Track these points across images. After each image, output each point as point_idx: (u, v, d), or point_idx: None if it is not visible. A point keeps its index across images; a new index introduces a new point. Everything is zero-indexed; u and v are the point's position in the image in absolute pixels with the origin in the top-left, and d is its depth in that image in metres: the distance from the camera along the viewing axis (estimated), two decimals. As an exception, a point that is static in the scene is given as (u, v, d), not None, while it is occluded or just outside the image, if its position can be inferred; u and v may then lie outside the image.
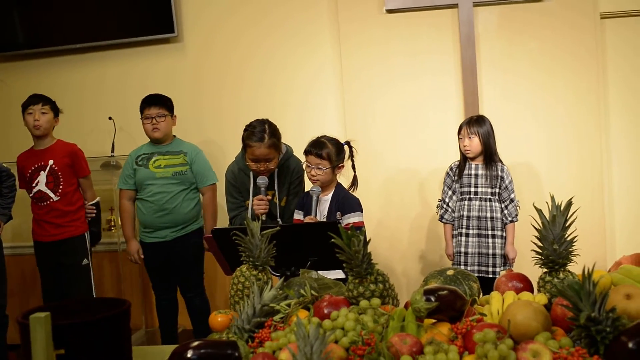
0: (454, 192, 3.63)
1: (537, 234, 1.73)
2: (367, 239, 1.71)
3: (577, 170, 4.10)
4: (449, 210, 3.63)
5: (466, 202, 3.54)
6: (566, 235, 1.72)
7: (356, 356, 1.48)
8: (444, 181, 3.69)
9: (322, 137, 3.00)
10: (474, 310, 1.67)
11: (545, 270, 1.75)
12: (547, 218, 1.73)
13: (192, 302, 3.78)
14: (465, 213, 3.54)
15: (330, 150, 2.92)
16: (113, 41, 4.44)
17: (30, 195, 3.79)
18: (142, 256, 3.77)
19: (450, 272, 1.82)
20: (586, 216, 3.98)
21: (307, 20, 4.41)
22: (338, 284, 1.96)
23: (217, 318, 1.80)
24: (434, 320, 1.63)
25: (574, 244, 1.72)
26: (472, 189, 3.53)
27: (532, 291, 1.78)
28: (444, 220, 3.67)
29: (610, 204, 4.11)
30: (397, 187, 4.31)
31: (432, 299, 1.57)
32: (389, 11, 4.24)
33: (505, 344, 1.39)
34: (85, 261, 3.76)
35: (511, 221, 3.51)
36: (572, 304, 1.42)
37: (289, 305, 1.69)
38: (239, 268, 1.90)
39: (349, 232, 1.67)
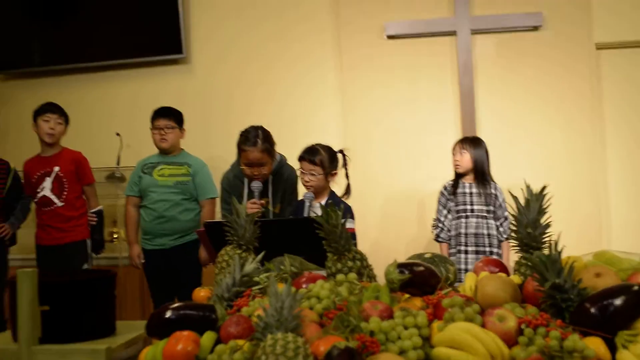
0: (449, 211, 3.67)
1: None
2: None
3: (572, 194, 4.14)
4: (445, 229, 3.67)
5: (463, 220, 3.58)
6: (541, 220, 1.76)
7: (327, 319, 1.52)
8: (439, 200, 3.73)
9: (316, 144, 3.08)
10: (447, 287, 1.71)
11: (520, 255, 1.79)
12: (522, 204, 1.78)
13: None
14: (462, 231, 3.58)
15: (323, 157, 2.99)
16: (123, 60, 4.62)
17: (35, 200, 3.89)
18: (143, 261, 3.83)
19: (427, 255, 1.87)
20: (582, 240, 4.00)
21: (311, 47, 4.56)
22: (321, 269, 2.00)
23: (200, 292, 1.85)
24: (408, 296, 1.67)
25: (548, 229, 1.77)
26: (468, 207, 3.58)
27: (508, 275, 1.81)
28: (440, 240, 3.69)
29: (608, 229, 4.13)
30: (395, 209, 4.36)
31: (406, 271, 1.62)
32: (390, 37, 4.37)
33: (471, 307, 1.43)
34: (85, 266, 3.83)
35: (506, 239, 3.54)
36: (539, 274, 1.47)
37: (268, 278, 1.74)
38: (224, 248, 1.95)
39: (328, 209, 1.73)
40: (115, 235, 4.31)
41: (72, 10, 4.75)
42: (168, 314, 1.54)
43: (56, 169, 3.85)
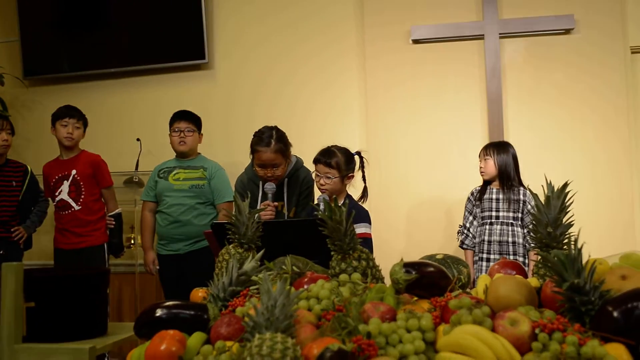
0: (474, 217, 3.56)
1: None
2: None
3: (606, 201, 3.97)
4: (470, 235, 3.56)
5: (487, 227, 3.47)
6: (562, 219, 1.63)
7: (325, 321, 1.41)
8: (465, 206, 3.63)
9: (332, 146, 2.99)
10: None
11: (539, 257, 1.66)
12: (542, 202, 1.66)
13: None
14: (486, 238, 3.46)
15: (339, 159, 2.89)
16: (146, 66, 4.61)
17: (54, 203, 3.89)
18: (157, 267, 3.78)
19: (439, 256, 1.75)
20: (619, 245, 3.82)
21: (335, 53, 4.48)
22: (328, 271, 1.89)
23: (198, 293, 1.77)
24: (416, 298, 1.56)
25: (571, 229, 1.64)
26: (493, 213, 3.46)
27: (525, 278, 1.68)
28: (464, 246, 3.58)
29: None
30: (421, 217, 4.24)
31: (413, 271, 1.51)
32: (415, 42, 4.27)
33: (480, 310, 1.31)
34: (102, 270, 3.82)
35: (533, 247, 3.39)
36: (557, 274, 1.34)
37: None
38: (225, 247, 1.86)
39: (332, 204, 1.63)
40: (132, 241, 4.27)
41: (97, 18, 4.78)
42: (157, 313, 1.46)
43: (73, 172, 3.85)
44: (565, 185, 1.65)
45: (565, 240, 1.62)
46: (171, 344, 1.30)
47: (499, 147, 3.52)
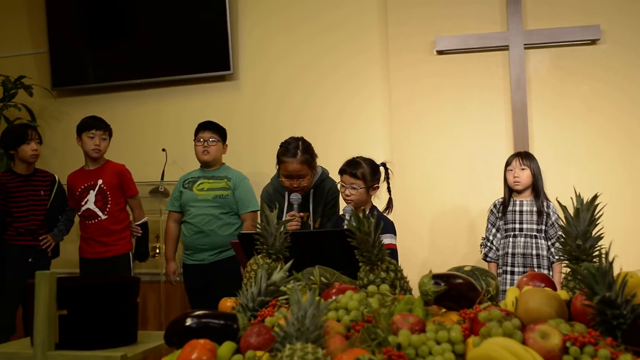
0: (498, 230, 3.53)
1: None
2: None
3: (629, 216, 3.92)
4: (493, 248, 3.53)
5: (511, 239, 3.44)
6: (592, 231, 1.62)
7: (354, 332, 1.42)
8: (488, 219, 3.60)
9: (357, 157, 3.00)
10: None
11: (569, 269, 1.66)
12: (572, 214, 1.65)
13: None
14: (510, 250, 3.43)
15: (365, 170, 2.90)
16: (171, 77, 4.67)
17: (79, 213, 3.94)
18: (178, 278, 3.81)
19: (467, 268, 1.75)
20: (641, 262, 3.77)
21: (359, 64, 4.49)
22: (356, 282, 1.90)
23: (227, 303, 1.79)
24: (444, 310, 1.55)
25: (600, 241, 1.63)
26: (517, 225, 3.43)
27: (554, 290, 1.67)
28: (488, 259, 3.55)
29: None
30: (445, 228, 4.22)
31: (442, 283, 1.51)
32: (439, 52, 4.28)
33: (511, 322, 1.31)
34: (127, 279, 3.86)
35: (558, 260, 3.36)
36: (588, 287, 1.33)
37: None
38: (253, 257, 1.88)
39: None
40: (157, 251, 4.32)
41: (124, 30, 4.86)
42: (188, 322, 1.47)
43: (100, 182, 3.90)
44: (595, 197, 1.64)
45: (595, 253, 1.61)
46: (202, 353, 1.32)
47: (530, 157, 3.50)
